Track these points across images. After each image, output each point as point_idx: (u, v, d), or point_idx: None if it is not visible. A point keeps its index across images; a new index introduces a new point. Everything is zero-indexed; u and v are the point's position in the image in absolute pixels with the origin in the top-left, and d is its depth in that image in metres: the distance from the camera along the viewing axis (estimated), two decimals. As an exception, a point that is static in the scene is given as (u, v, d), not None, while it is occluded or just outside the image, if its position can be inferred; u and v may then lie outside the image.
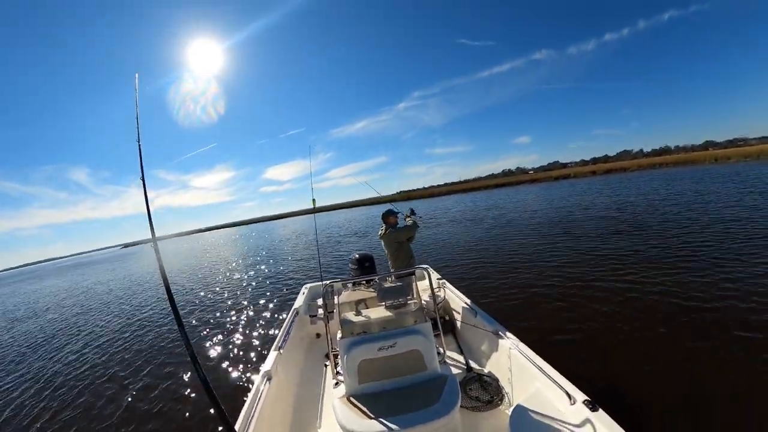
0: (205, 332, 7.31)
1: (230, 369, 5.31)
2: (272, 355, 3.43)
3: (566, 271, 7.38)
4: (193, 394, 4.78)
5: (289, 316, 4.61)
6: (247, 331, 6.88)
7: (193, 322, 8.33)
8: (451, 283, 4.90)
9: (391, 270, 4.34)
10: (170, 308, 1.57)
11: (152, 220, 1.64)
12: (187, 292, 12.22)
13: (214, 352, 6.05)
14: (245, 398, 2.81)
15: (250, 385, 3.07)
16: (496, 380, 3.17)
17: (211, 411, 4.16)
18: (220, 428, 3.73)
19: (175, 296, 1.66)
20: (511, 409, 2.39)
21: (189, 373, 5.43)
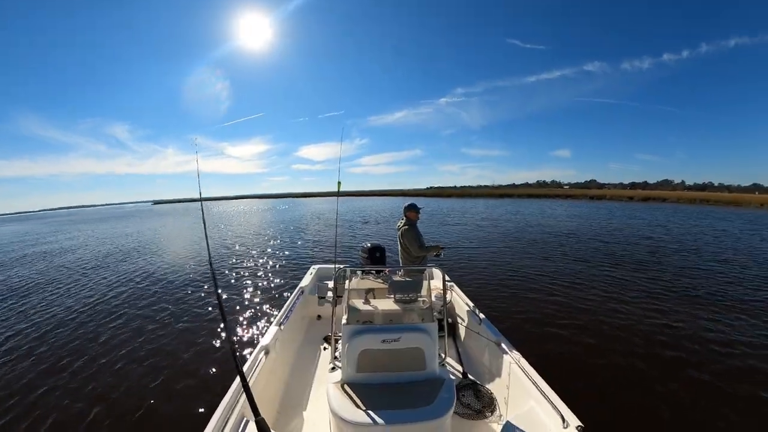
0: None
1: (228, 333, 5.43)
2: (272, 330, 3.45)
3: (586, 293, 7.10)
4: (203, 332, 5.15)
5: (294, 293, 4.63)
6: (251, 299, 7.13)
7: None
8: (458, 287, 4.81)
9: (401, 264, 4.30)
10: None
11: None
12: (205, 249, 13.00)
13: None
14: (241, 367, 2.82)
15: (247, 356, 3.10)
16: (490, 392, 3.10)
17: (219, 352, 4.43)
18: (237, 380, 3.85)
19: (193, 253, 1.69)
20: (502, 424, 2.33)
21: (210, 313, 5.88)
